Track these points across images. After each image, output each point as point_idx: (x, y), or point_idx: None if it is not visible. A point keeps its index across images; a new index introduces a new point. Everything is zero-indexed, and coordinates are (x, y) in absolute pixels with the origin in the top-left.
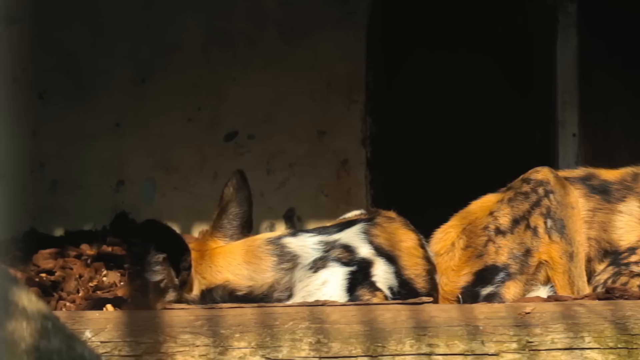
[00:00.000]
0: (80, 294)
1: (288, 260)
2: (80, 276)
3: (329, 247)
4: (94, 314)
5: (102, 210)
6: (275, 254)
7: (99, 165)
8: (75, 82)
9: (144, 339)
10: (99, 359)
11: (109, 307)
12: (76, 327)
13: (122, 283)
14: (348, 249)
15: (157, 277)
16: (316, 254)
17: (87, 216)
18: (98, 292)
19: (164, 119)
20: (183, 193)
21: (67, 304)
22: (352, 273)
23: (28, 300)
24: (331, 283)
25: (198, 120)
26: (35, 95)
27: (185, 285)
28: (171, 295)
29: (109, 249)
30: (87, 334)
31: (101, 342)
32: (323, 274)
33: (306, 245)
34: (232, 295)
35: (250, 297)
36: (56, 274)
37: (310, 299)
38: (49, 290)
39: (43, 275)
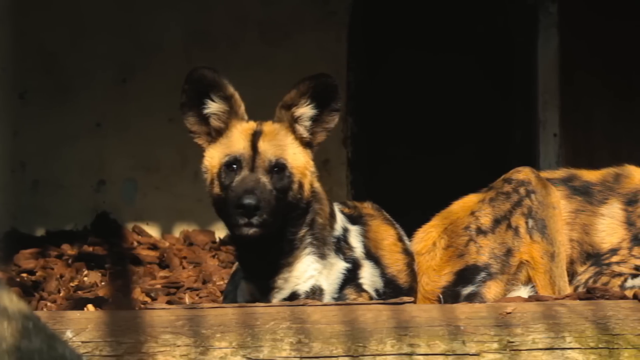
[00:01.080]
0: (61, 294)
1: (333, 216)
2: (62, 276)
3: (343, 233)
4: (75, 314)
5: (83, 210)
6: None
7: (80, 165)
8: (56, 82)
9: (125, 339)
10: (80, 358)
11: (90, 307)
12: (57, 327)
13: (103, 283)
14: (349, 245)
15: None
16: (339, 232)
17: (68, 216)
18: (79, 292)
19: (145, 119)
20: (164, 193)
21: (48, 304)
22: (347, 270)
23: (9, 300)
24: (334, 271)
25: (179, 120)
26: (16, 95)
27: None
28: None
29: (90, 249)
30: (68, 334)
31: (82, 342)
32: (336, 258)
33: (338, 215)
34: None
35: (323, 233)
36: (37, 274)
37: (324, 271)
38: (30, 290)
39: (24, 275)
